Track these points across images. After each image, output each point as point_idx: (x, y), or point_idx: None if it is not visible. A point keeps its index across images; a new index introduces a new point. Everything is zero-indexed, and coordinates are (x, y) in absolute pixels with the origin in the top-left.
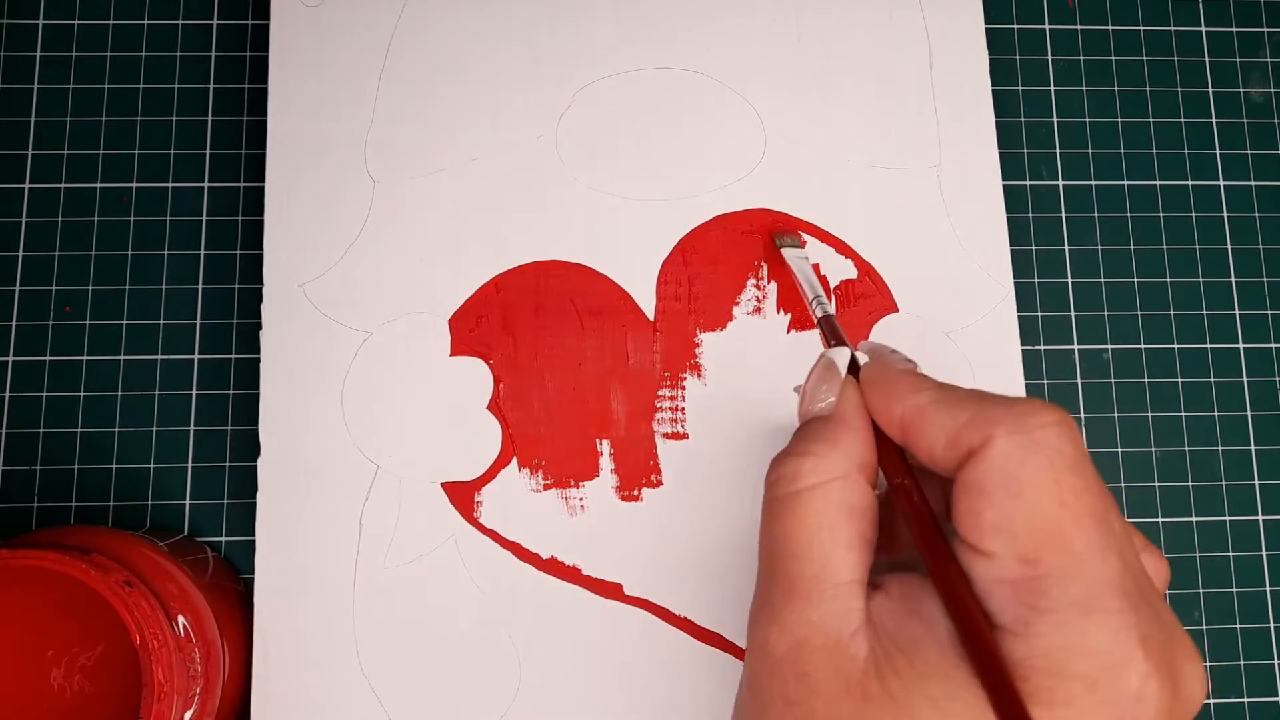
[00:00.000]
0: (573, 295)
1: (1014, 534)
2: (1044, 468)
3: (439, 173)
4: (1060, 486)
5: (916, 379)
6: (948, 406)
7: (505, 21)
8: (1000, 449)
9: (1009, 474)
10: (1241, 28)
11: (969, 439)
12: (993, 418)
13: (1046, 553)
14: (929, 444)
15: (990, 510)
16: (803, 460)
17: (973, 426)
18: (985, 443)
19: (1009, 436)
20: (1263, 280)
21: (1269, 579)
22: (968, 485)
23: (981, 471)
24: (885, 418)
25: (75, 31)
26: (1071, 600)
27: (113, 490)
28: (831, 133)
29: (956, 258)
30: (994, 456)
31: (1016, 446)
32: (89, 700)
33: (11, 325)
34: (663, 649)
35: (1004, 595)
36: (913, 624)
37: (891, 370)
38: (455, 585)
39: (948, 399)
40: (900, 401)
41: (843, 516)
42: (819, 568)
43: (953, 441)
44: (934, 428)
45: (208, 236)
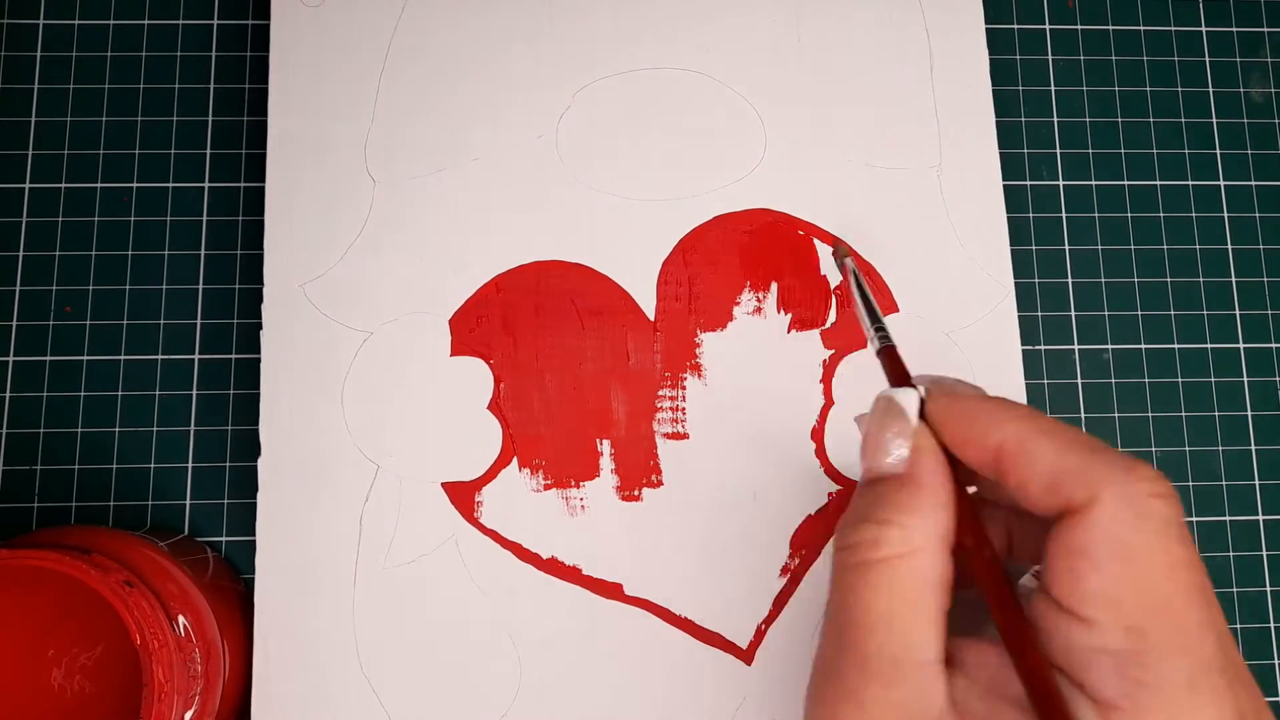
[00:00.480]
0: (573, 295)
1: (1121, 603)
2: (1155, 536)
3: (439, 173)
4: (1170, 557)
5: (1008, 404)
6: (1054, 443)
7: (506, 22)
8: (1110, 512)
9: (1120, 540)
10: (1242, 28)
11: (1072, 491)
12: (1101, 475)
13: (1154, 625)
14: (1023, 478)
15: (1096, 576)
16: (883, 529)
17: (1079, 478)
18: (1091, 501)
19: (1120, 501)
20: (1263, 280)
21: (1269, 579)
22: (1070, 547)
23: (1089, 534)
24: (979, 449)
25: (75, 31)
26: (1178, 677)
27: (113, 490)
28: (831, 133)
29: (957, 258)
30: (1103, 520)
31: (1128, 512)
32: (89, 700)
33: (12, 325)
34: (663, 649)
35: (1105, 666)
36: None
37: (972, 398)
38: (456, 585)
39: (1054, 433)
40: (999, 428)
41: (928, 591)
42: (900, 645)
43: (1052, 486)
44: (1038, 463)
45: (208, 236)
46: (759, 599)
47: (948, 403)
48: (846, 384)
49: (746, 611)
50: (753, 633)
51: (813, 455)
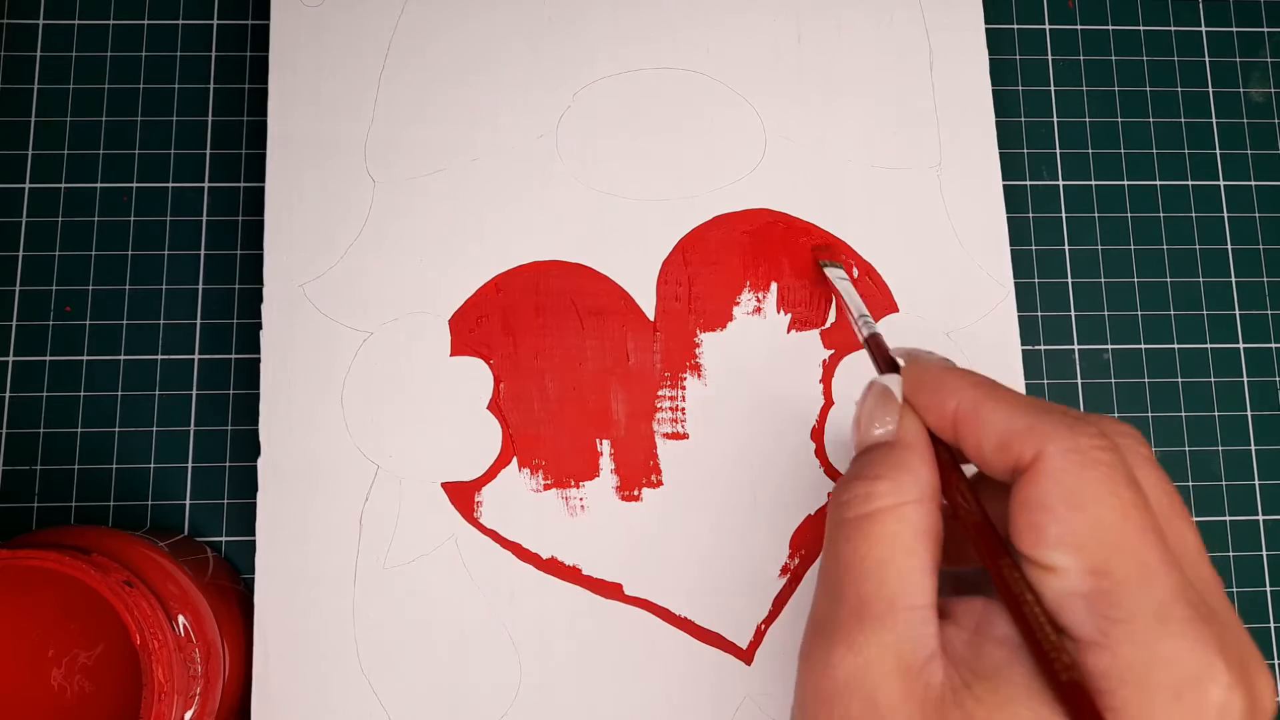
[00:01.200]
0: (573, 295)
1: (1080, 546)
2: (1103, 481)
3: (439, 173)
4: (1121, 499)
5: (965, 373)
6: (1004, 406)
7: (506, 22)
8: (1057, 464)
9: (1069, 487)
10: (1241, 28)
11: (1020, 449)
12: (1046, 431)
13: (1116, 563)
14: (979, 441)
15: (1054, 524)
16: (875, 483)
17: (1025, 436)
18: (1038, 457)
19: (1065, 453)
20: (1263, 280)
21: (1269, 579)
22: (1026, 501)
23: (1040, 487)
24: (938, 414)
25: (75, 31)
26: (1146, 608)
27: (113, 490)
28: (832, 132)
29: (957, 258)
30: (1051, 471)
31: (1073, 462)
32: (89, 700)
33: (11, 325)
34: (663, 649)
35: (1077, 608)
36: (991, 650)
37: (935, 366)
38: (455, 585)
39: (1002, 397)
40: (954, 395)
41: (920, 539)
42: (893, 590)
43: (1003, 445)
44: (988, 425)
45: (208, 236)
46: (759, 599)
47: (914, 372)
48: (846, 384)
49: (746, 611)
50: (752, 633)
51: (813, 455)
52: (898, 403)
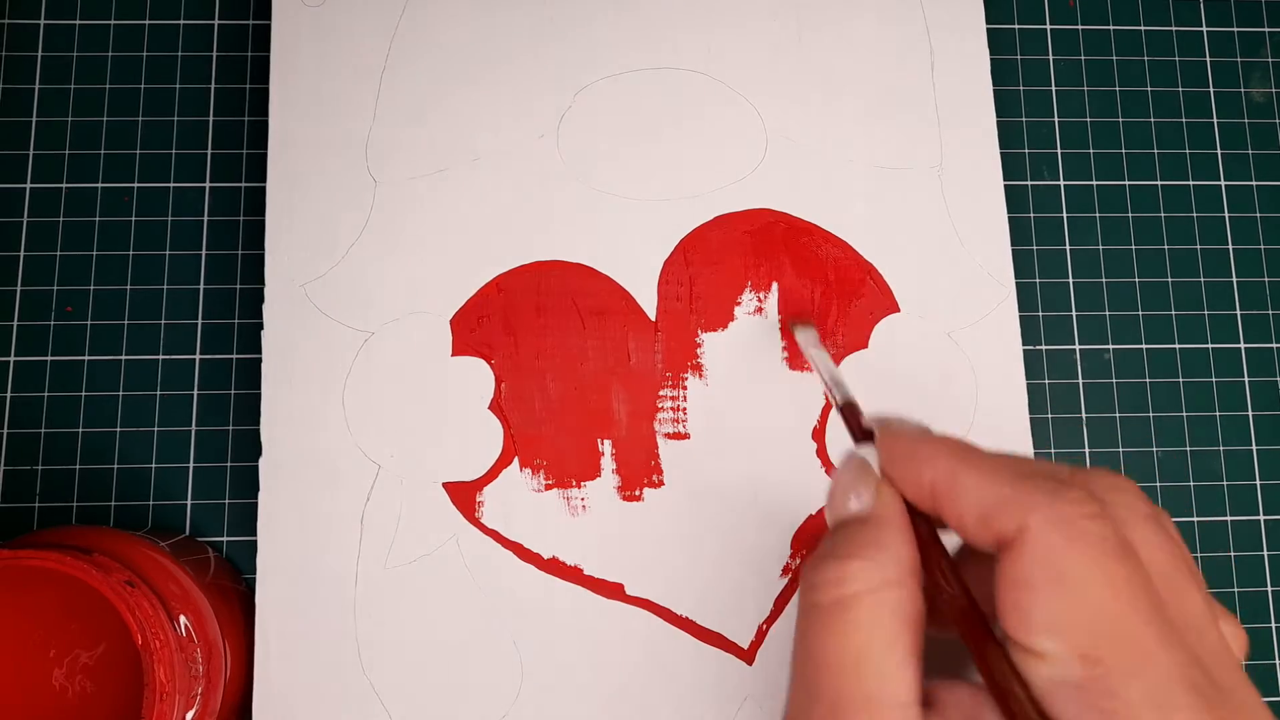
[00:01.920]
0: (574, 295)
1: (1069, 629)
2: (1090, 557)
3: (440, 173)
4: (1110, 576)
5: (942, 440)
6: (981, 475)
7: (507, 22)
8: (1040, 540)
9: (1054, 565)
10: (1242, 28)
11: (1001, 523)
12: (1027, 503)
13: (1108, 647)
14: (959, 513)
15: (1040, 607)
16: (848, 563)
17: (1006, 509)
18: (1020, 532)
19: (1048, 526)
20: (1264, 280)
21: (1270, 579)
22: (1010, 581)
23: (1024, 565)
24: (914, 486)
25: (76, 31)
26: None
27: (114, 490)
28: (833, 132)
29: (958, 257)
30: (1034, 548)
31: (1057, 536)
32: (91, 700)
33: (12, 325)
34: (664, 649)
35: (1068, 698)
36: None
37: (909, 433)
38: (457, 585)
39: (981, 465)
40: (930, 465)
41: (899, 626)
42: (873, 686)
43: (984, 518)
44: (967, 497)
45: (209, 236)
46: (760, 599)
47: (888, 442)
48: (847, 384)
49: (748, 611)
50: (754, 633)
51: (814, 455)
52: (874, 475)
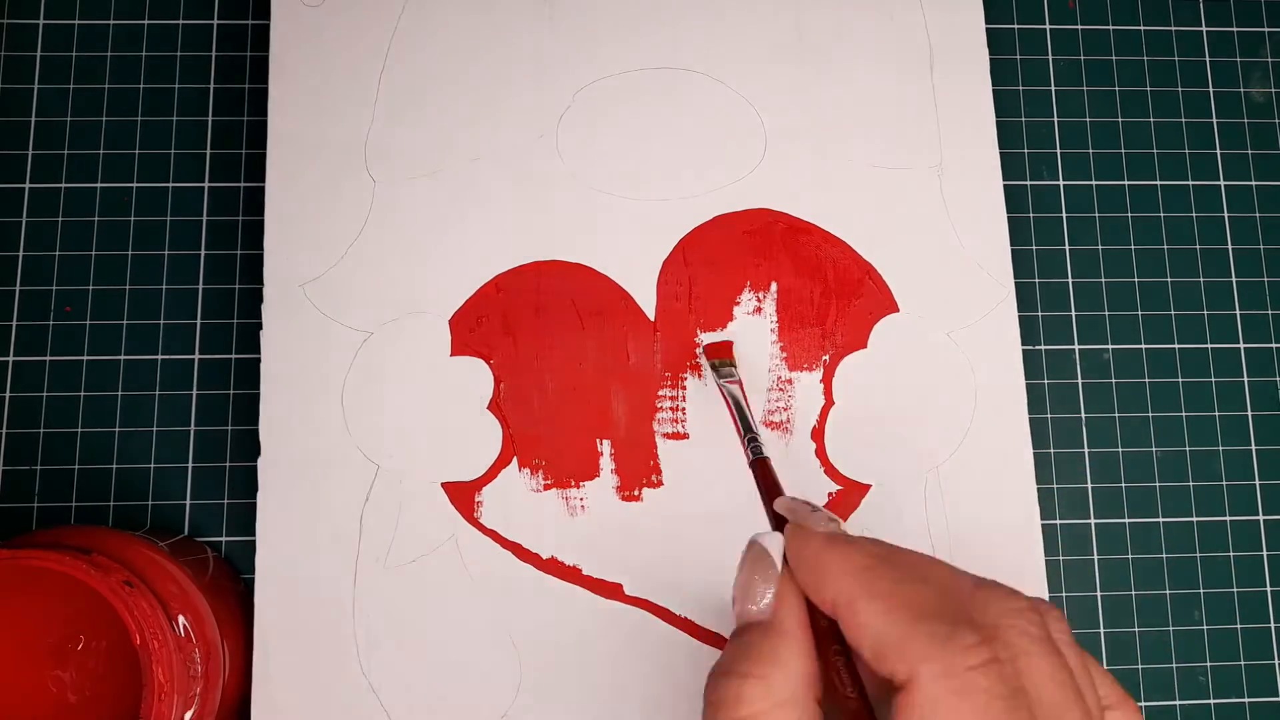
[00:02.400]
0: (573, 295)
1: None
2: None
3: (439, 173)
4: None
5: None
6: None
7: (506, 21)
8: (928, 693)
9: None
10: (1242, 27)
11: (893, 666)
12: (920, 651)
13: None
14: (855, 640)
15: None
16: (744, 683)
17: (898, 653)
18: (910, 681)
19: (937, 681)
20: (1263, 280)
21: (1269, 579)
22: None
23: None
24: (817, 598)
25: (75, 31)
26: None
27: (113, 490)
28: (832, 132)
29: (957, 257)
30: (922, 702)
31: (944, 690)
32: (89, 700)
33: (12, 325)
34: (663, 649)
35: None
36: None
37: (815, 540)
38: (456, 585)
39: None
40: (832, 584)
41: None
42: None
43: (877, 656)
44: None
45: (208, 236)
46: None
47: (795, 544)
48: (846, 384)
49: None
50: None
51: (813, 455)
52: (775, 573)
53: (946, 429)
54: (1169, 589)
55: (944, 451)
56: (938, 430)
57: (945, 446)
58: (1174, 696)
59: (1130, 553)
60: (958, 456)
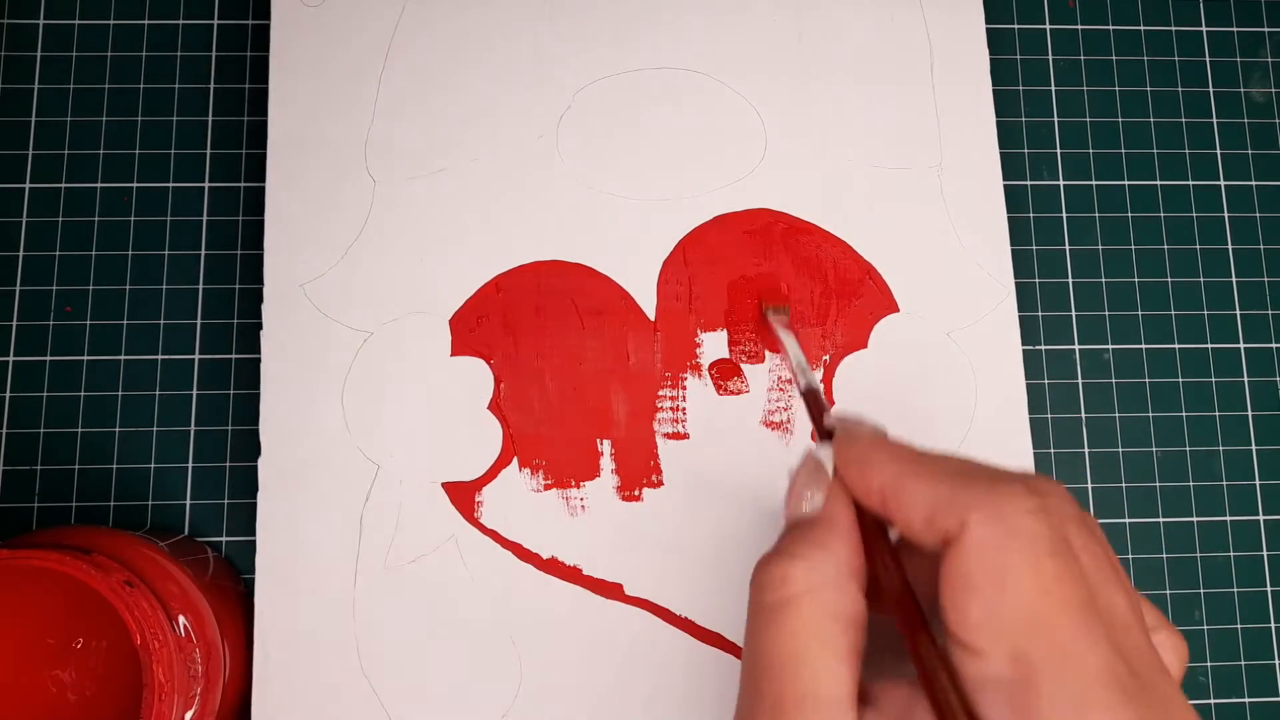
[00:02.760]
0: (573, 295)
1: (1002, 628)
2: (1024, 554)
3: (439, 173)
4: (1041, 573)
5: (892, 447)
6: (926, 480)
7: (506, 21)
8: (978, 537)
9: (992, 562)
10: (1242, 27)
11: (945, 522)
12: (968, 502)
13: (1036, 647)
14: (907, 519)
15: (976, 604)
16: (792, 563)
17: (948, 509)
18: (962, 529)
19: (985, 524)
20: (1264, 280)
21: (1269, 579)
22: (951, 578)
23: (964, 562)
24: (864, 491)
25: (75, 31)
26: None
27: (113, 490)
28: (832, 132)
29: (957, 257)
30: (973, 546)
31: (995, 534)
32: (90, 700)
33: (12, 325)
34: (663, 649)
35: (997, 697)
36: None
37: (864, 439)
38: (456, 585)
39: (926, 470)
40: (878, 472)
41: (836, 626)
42: (808, 684)
43: (929, 520)
44: (913, 501)
45: (208, 236)
46: None
47: (842, 446)
48: (847, 384)
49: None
50: None
51: None
52: (827, 477)
53: (947, 429)
54: (1169, 589)
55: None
56: (938, 430)
57: (945, 446)
58: None
59: (1130, 553)
60: None
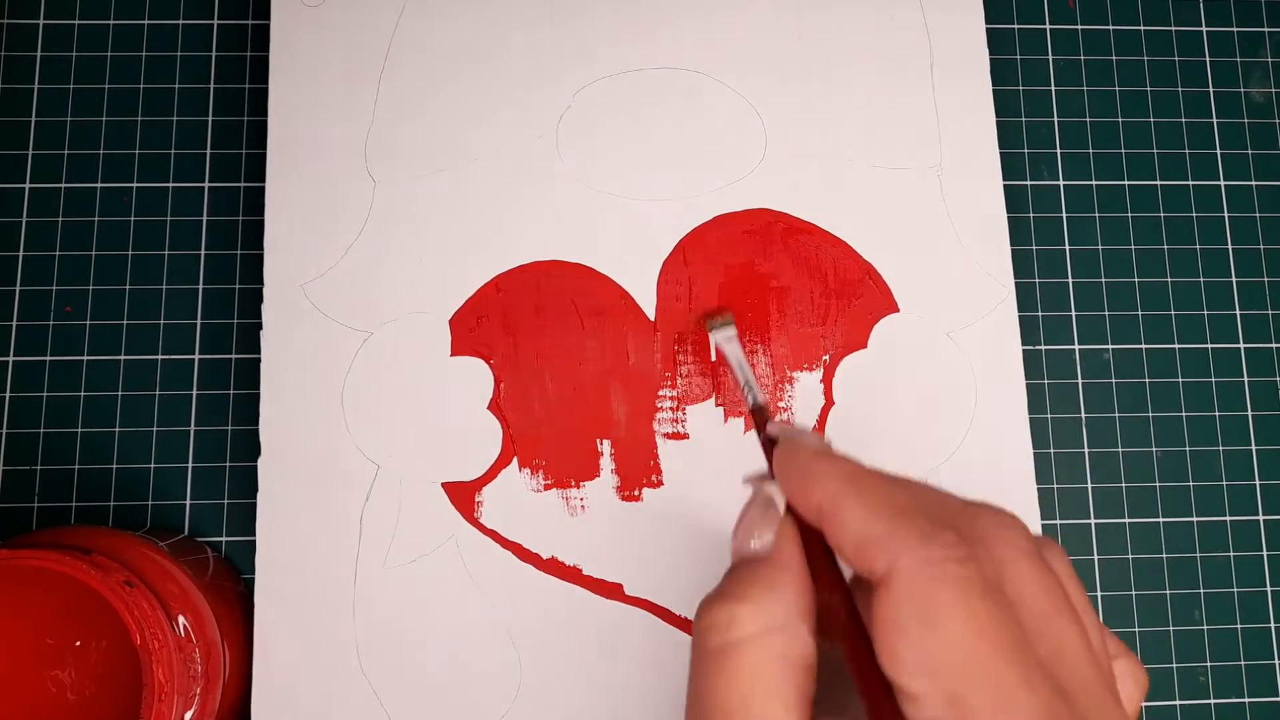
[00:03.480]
0: (573, 295)
1: (935, 670)
2: (955, 597)
3: (439, 173)
4: (974, 615)
5: (835, 461)
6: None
7: (506, 22)
8: (907, 579)
9: (920, 605)
10: (1242, 27)
11: (874, 558)
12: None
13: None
14: (839, 541)
15: (908, 647)
16: (738, 606)
17: (878, 547)
18: (889, 571)
19: (915, 566)
20: (1263, 280)
21: (1269, 579)
22: (881, 620)
23: (893, 605)
24: (802, 504)
25: (75, 31)
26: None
27: (113, 490)
28: (832, 132)
29: (957, 257)
30: (901, 589)
31: (924, 577)
32: (89, 700)
33: (12, 325)
34: (663, 649)
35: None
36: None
37: (805, 450)
38: (456, 585)
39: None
40: (818, 486)
41: (783, 672)
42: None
43: (859, 551)
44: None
45: (208, 236)
46: None
47: (784, 457)
48: (846, 384)
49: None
50: None
51: None
52: (778, 515)
53: (946, 429)
54: (1169, 589)
55: (944, 451)
56: (938, 430)
57: (945, 446)
58: (1174, 696)
59: (1130, 553)
60: (958, 456)
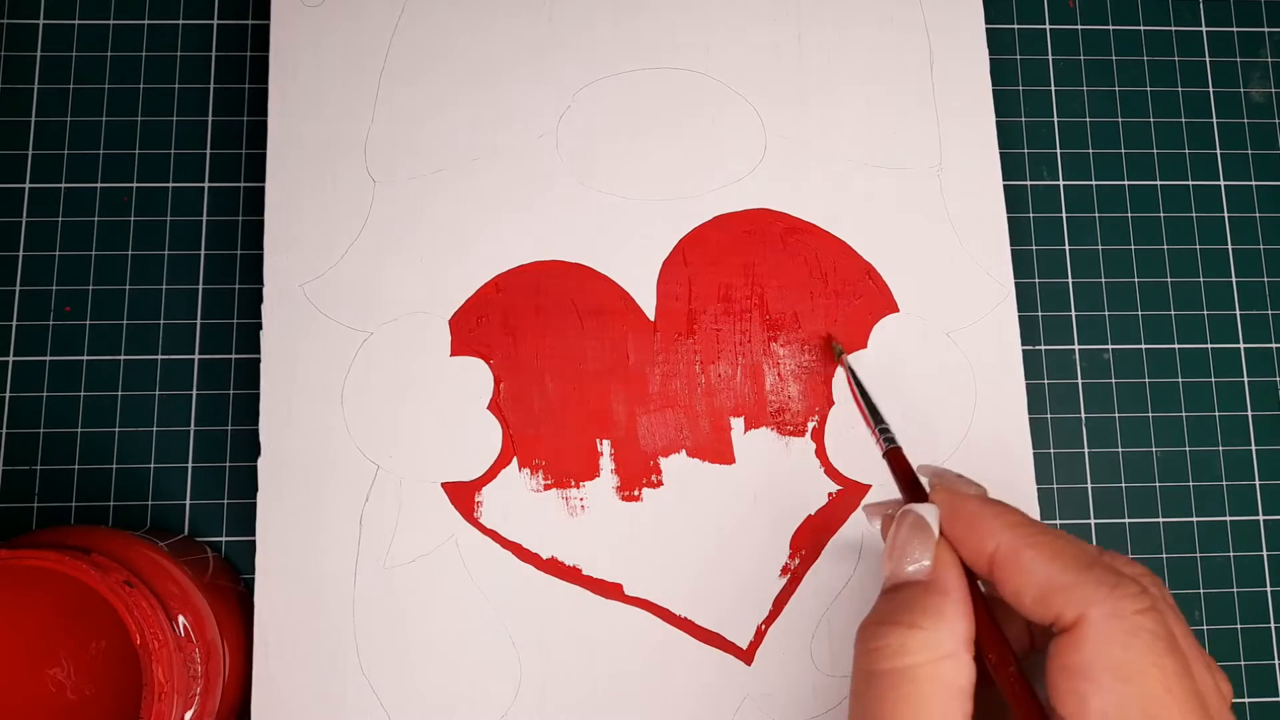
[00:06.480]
0: (573, 295)
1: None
2: (1146, 652)
3: (439, 173)
4: (1164, 672)
5: (1002, 510)
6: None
7: (506, 22)
8: (1100, 631)
9: (1114, 659)
10: (1242, 28)
11: (1061, 608)
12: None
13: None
14: (1017, 589)
15: (1097, 695)
16: (910, 634)
17: (1068, 595)
18: (1080, 621)
19: (1108, 620)
20: (1263, 280)
21: (1269, 579)
22: (1069, 667)
23: (1084, 654)
24: (973, 553)
25: (75, 31)
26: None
27: (113, 490)
28: (832, 132)
29: (957, 258)
30: (1092, 639)
31: (1116, 629)
32: (89, 700)
33: (11, 325)
34: (663, 649)
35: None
36: None
37: (971, 500)
38: (455, 585)
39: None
40: (993, 537)
41: (953, 699)
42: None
43: (1042, 599)
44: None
45: (208, 236)
46: (759, 599)
47: (949, 503)
48: (847, 385)
49: (746, 612)
50: (753, 633)
51: (813, 455)
52: (934, 538)
53: (946, 429)
54: (1169, 589)
55: (944, 451)
56: (938, 430)
57: (945, 446)
58: None
59: (1130, 552)
60: (958, 456)
